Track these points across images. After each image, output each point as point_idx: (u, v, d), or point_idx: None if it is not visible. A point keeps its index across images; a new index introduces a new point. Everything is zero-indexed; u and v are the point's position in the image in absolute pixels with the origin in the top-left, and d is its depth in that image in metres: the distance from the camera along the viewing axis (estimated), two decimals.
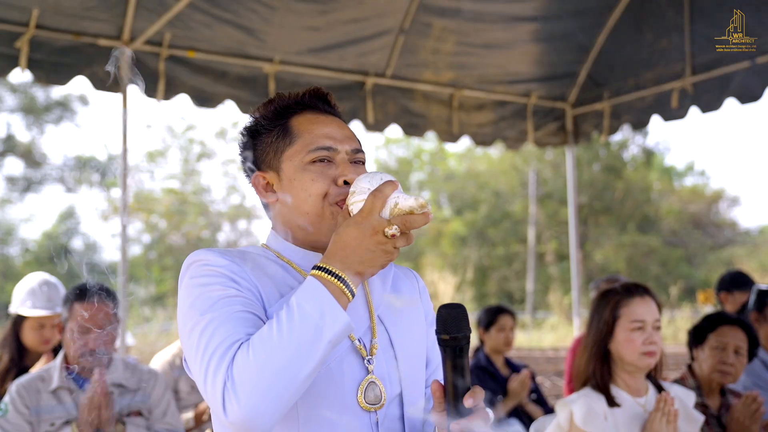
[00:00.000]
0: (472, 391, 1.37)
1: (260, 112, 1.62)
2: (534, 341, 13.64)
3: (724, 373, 3.07)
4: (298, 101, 1.61)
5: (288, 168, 1.55)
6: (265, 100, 1.65)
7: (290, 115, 1.59)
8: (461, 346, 1.37)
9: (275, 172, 1.57)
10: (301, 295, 1.33)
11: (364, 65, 4.94)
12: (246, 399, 1.27)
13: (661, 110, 5.06)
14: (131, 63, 4.20)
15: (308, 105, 1.61)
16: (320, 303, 1.31)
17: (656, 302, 2.63)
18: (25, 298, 3.68)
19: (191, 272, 1.45)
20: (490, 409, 1.41)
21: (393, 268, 1.69)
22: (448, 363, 1.38)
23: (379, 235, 1.34)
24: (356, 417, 1.45)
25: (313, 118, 1.59)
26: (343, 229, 1.37)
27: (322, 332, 1.30)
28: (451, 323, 1.37)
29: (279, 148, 1.57)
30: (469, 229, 27.14)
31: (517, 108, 5.52)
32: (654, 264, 26.88)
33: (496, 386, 4.44)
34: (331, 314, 1.31)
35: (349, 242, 1.35)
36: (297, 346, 1.28)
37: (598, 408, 2.53)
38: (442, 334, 1.38)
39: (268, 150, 1.59)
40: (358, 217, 1.36)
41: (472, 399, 1.36)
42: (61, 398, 2.94)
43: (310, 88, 1.64)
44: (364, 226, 1.34)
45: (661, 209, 28.32)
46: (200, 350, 1.34)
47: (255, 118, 1.62)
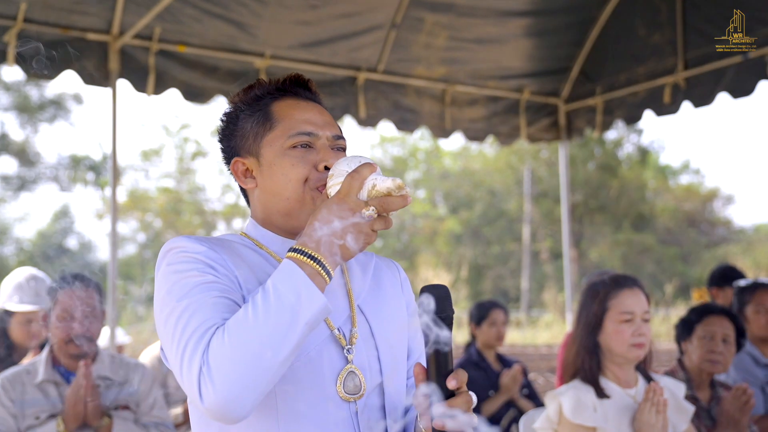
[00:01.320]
0: (455, 374, 1.35)
1: (240, 98, 1.60)
2: (528, 339, 13.64)
3: (714, 362, 3.07)
4: (279, 87, 1.59)
5: (268, 153, 1.53)
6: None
7: (271, 100, 1.57)
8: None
9: (255, 157, 1.55)
10: (276, 277, 1.31)
11: (356, 60, 4.92)
12: (222, 384, 1.25)
13: (654, 105, 5.05)
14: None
15: (289, 91, 1.59)
16: (296, 284, 1.29)
17: (645, 294, 2.62)
18: (12, 293, 3.66)
19: (168, 259, 1.43)
20: (473, 393, 1.40)
21: (375, 258, 1.68)
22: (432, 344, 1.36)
23: (356, 216, 1.32)
24: (335, 406, 1.43)
25: (294, 103, 1.57)
26: (320, 211, 1.35)
27: (299, 314, 1.28)
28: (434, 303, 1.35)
29: (259, 133, 1.55)
30: (464, 228, 27.15)
31: (510, 103, 5.51)
32: (649, 262, 26.92)
33: (488, 381, 4.43)
34: (307, 296, 1.29)
35: (325, 224, 1.33)
36: (273, 328, 1.26)
37: (588, 400, 2.52)
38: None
39: (247, 135, 1.57)
40: (335, 198, 1.34)
41: (455, 381, 1.34)
42: (47, 392, 2.92)
43: (291, 75, 1.62)
44: (340, 208, 1.32)
45: (656, 207, 28.36)
46: (176, 337, 1.32)
47: (235, 104, 1.60)
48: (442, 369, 1.35)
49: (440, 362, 1.35)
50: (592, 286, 2.68)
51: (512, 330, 16.45)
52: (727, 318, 3.13)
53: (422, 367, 1.39)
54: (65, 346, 2.95)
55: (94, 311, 2.98)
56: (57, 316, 2.96)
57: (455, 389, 1.35)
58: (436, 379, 1.35)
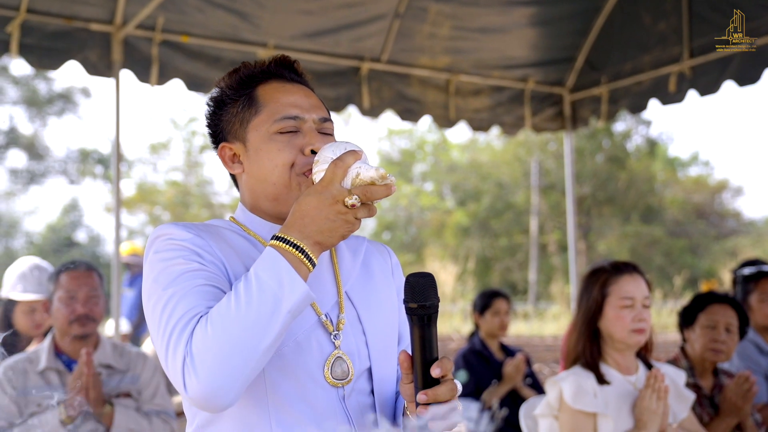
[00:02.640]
0: (440, 362, 1.35)
1: (226, 82, 1.58)
2: (535, 330, 13.64)
3: (716, 351, 3.06)
4: (264, 70, 1.57)
5: (254, 138, 1.51)
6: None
7: (256, 84, 1.55)
8: (429, 314, 1.35)
9: (241, 142, 1.54)
10: (259, 265, 1.31)
11: (360, 50, 4.91)
12: (205, 374, 1.25)
13: (659, 94, 5.02)
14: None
15: (274, 74, 1.57)
16: (278, 273, 1.29)
17: (645, 280, 2.61)
18: (15, 283, 3.68)
19: (155, 247, 1.43)
20: (458, 381, 1.40)
21: (365, 243, 1.67)
22: (416, 332, 1.36)
23: (339, 204, 1.31)
24: (323, 391, 1.44)
25: (280, 86, 1.55)
26: (303, 198, 1.34)
27: (281, 302, 1.27)
28: (418, 292, 1.35)
29: (245, 118, 1.53)
30: (471, 220, 27.11)
31: (515, 93, 5.48)
32: (658, 254, 26.82)
33: (491, 370, 4.43)
34: (289, 284, 1.28)
35: (308, 211, 1.32)
36: (256, 317, 1.26)
37: (588, 386, 2.52)
38: (409, 302, 1.35)
39: (234, 120, 1.55)
40: (319, 186, 1.33)
41: (439, 369, 1.34)
42: (49, 379, 2.94)
43: (276, 56, 1.59)
44: (324, 195, 1.31)
45: (664, 199, 28.24)
46: (161, 325, 1.33)
47: (221, 88, 1.58)
48: (427, 357, 1.35)
49: (425, 350, 1.35)
50: (592, 272, 2.67)
51: (520, 322, 16.44)
52: (730, 306, 3.11)
53: (407, 354, 1.39)
54: (68, 327, 2.97)
55: (96, 293, 3.01)
56: (59, 298, 2.98)
57: (440, 377, 1.35)
58: (421, 367, 1.35)
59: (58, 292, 2.99)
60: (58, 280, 3.01)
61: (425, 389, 1.34)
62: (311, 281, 1.47)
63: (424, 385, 1.34)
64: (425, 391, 1.33)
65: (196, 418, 1.48)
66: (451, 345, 8.99)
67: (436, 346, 1.36)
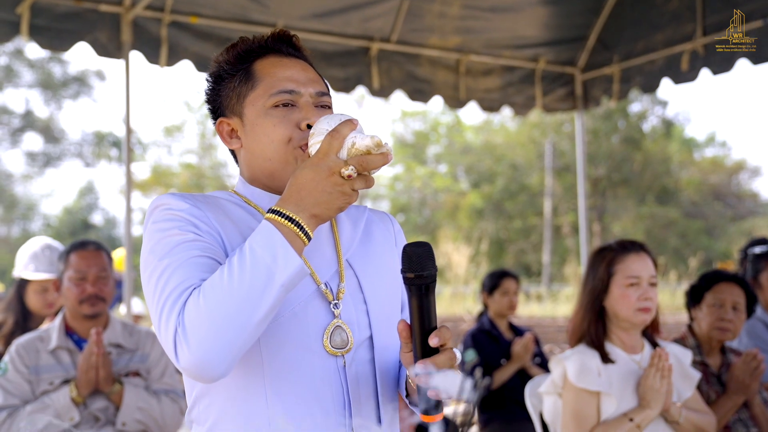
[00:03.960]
0: (438, 331, 1.35)
1: (224, 57, 1.57)
2: (548, 312, 13.65)
3: (723, 329, 3.04)
4: (262, 44, 1.56)
5: (251, 113, 1.51)
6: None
7: (253, 59, 1.54)
8: (427, 284, 1.35)
9: (239, 117, 1.54)
10: (254, 239, 1.31)
11: (369, 30, 4.88)
12: (196, 345, 1.26)
13: (672, 73, 4.97)
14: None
15: (272, 48, 1.56)
16: (272, 246, 1.29)
17: (652, 259, 2.60)
18: (27, 262, 3.72)
19: (153, 217, 1.44)
20: (457, 350, 1.40)
21: (367, 212, 1.66)
22: (414, 302, 1.36)
23: (335, 176, 1.30)
24: (322, 360, 1.44)
25: (276, 61, 1.54)
26: (299, 171, 1.33)
27: (274, 276, 1.28)
28: (416, 261, 1.34)
29: (242, 93, 1.53)
30: (485, 202, 27.04)
31: (526, 73, 5.45)
32: (673, 236, 26.66)
33: (500, 350, 4.44)
34: (283, 258, 1.28)
35: (304, 184, 1.32)
36: (248, 290, 1.27)
37: (592, 364, 2.52)
38: (407, 272, 1.35)
39: (231, 95, 1.54)
40: (315, 158, 1.32)
41: (437, 338, 1.34)
42: (60, 358, 2.97)
43: (275, 31, 1.58)
44: (320, 167, 1.31)
45: (680, 181, 28.03)
46: (156, 296, 1.34)
47: (219, 63, 1.58)
48: (425, 326, 1.35)
49: (423, 319, 1.35)
50: (598, 251, 2.67)
51: (533, 303, 16.42)
52: (738, 285, 3.10)
53: (406, 323, 1.39)
54: (79, 306, 3.00)
55: (105, 273, 3.03)
56: (69, 278, 3.01)
57: (439, 346, 1.35)
58: (420, 336, 1.35)
59: (68, 272, 3.02)
60: (68, 260, 3.04)
61: (424, 358, 1.34)
62: (310, 251, 1.48)
63: (423, 354, 1.35)
64: (423, 360, 1.33)
65: (194, 389, 1.49)
66: (462, 326, 9.01)
67: (434, 315, 1.36)
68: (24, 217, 31.07)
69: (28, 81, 25.25)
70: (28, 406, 2.86)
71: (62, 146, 26.77)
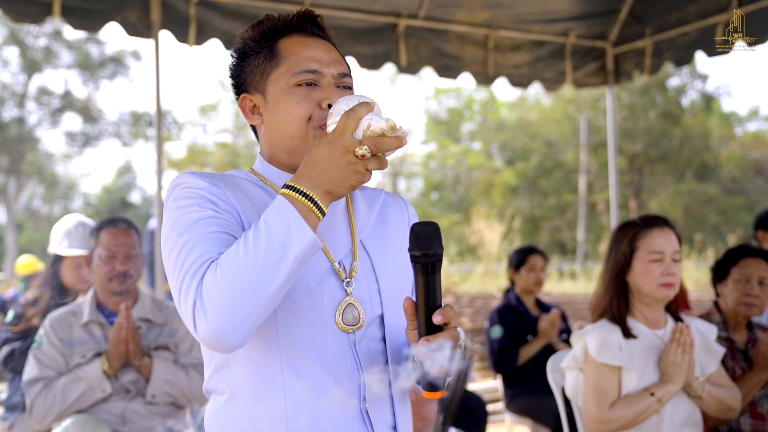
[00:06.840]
0: (442, 309, 1.38)
1: (249, 34, 1.60)
2: (581, 289, 13.55)
3: (749, 305, 3.01)
4: (287, 23, 1.59)
5: (273, 90, 1.54)
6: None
7: (278, 37, 1.57)
8: (433, 263, 1.38)
9: (261, 94, 1.57)
10: (269, 213, 1.34)
11: (396, 6, 4.86)
12: (214, 317, 1.31)
13: (705, 46, 4.87)
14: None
15: (297, 27, 1.58)
16: (286, 220, 1.32)
17: (676, 234, 2.57)
18: (62, 239, 3.81)
19: (174, 195, 1.48)
20: (461, 329, 1.42)
21: (383, 194, 1.69)
22: (420, 280, 1.39)
23: (349, 154, 1.33)
24: (334, 336, 1.48)
25: (301, 40, 1.57)
26: (315, 148, 1.37)
27: (288, 249, 1.31)
28: (422, 240, 1.38)
29: (265, 70, 1.56)
30: (520, 180, 26.85)
31: (555, 48, 5.38)
32: (712, 212, 26.23)
33: (527, 326, 4.44)
34: (297, 231, 1.32)
35: (319, 161, 1.35)
36: (263, 263, 1.30)
37: (613, 339, 2.52)
38: (413, 250, 1.38)
39: (255, 72, 1.58)
40: (331, 136, 1.35)
41: (441, 316, 1.37)
42: (92, 332, 3.05)
43: (300, 10, 1.61)
44: (335, 145, 1.34)
45: (720, 156, 27.50)
46: (176, 270, 1.38)
47: (244, 40, 1.61)
48: (430, 304, 1.38)
49: (429, 297, 1.38)
50: (622, 226, 2.65)
51: (567, 281, 16.31)
52: (764, 260, 3.05)
53: (411, 301, 1.43)
54: (108, 283, 3.07)
55: (134, 251, 3.10)
56: (99, 256, 3.09)
57: (442, 324, 1.38)
58: (424, 314, 1.38)
59: (98, 249, 3.09)
60: (98, 237, 3.11)
61: (428, 335, 1.37)
62: (325, 229, 1.52)
63: (427, 332, 1.38)
64: (427, 338, 1.37)
65: (213, 361, 1.55)
66: (493, 303, 9.01)
67: (440, 293, 1.39)
68: (65, 196, 31.70)
69: (67, 62, 25.64)
70: (62, 378, 2.95)
71: (100, 126, 27.18)
